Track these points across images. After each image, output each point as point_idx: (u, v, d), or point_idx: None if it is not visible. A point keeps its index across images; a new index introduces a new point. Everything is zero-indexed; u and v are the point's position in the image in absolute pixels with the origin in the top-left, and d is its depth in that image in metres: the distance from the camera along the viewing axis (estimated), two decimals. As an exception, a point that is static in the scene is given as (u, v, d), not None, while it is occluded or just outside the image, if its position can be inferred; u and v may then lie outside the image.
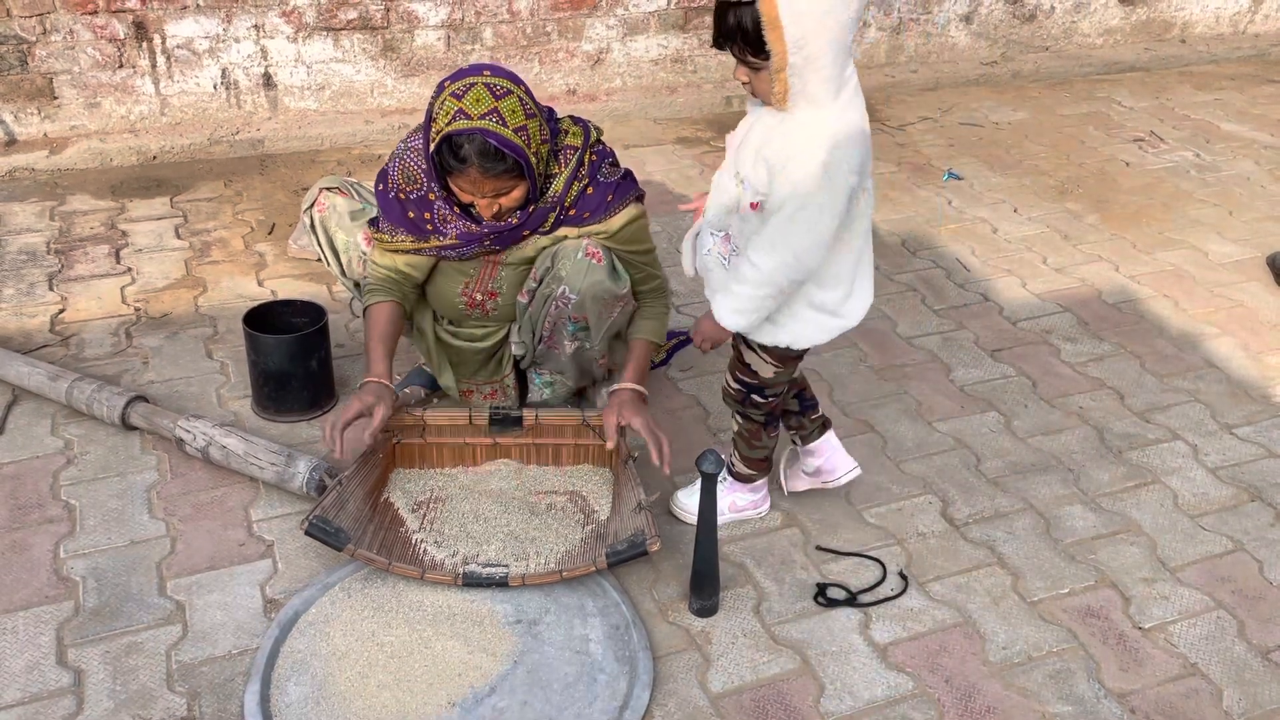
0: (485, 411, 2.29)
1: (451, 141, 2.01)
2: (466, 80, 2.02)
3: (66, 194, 3.61)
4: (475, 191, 2.07)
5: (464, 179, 2.05)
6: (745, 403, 2.08)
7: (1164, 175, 4.08)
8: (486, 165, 2.01)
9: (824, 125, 1.72)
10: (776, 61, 1.66)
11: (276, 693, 1.79)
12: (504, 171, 2.03)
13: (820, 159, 1.72)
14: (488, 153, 2.00)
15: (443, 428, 2.27)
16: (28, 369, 2.50)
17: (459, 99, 2.00)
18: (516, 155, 2.01)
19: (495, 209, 2.11)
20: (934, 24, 5.01)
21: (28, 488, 2.26)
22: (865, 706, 1.84)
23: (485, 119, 1.98)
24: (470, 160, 2.00)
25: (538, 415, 2.29)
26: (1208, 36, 5.61)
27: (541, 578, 1.99)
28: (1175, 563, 2.18)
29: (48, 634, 1.91)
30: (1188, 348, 2.94)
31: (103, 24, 3.75)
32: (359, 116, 4.16)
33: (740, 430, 2.14)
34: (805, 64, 1.66)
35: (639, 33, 4.48)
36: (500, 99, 2.00)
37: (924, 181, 3.96)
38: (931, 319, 3.05)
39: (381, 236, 2.25)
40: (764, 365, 2.01)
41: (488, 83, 2.02)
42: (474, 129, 1.98)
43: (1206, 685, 1.90)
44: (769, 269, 1.79)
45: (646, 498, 2.05)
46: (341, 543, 1.98)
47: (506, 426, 2.29)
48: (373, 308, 2.26)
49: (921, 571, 2.13)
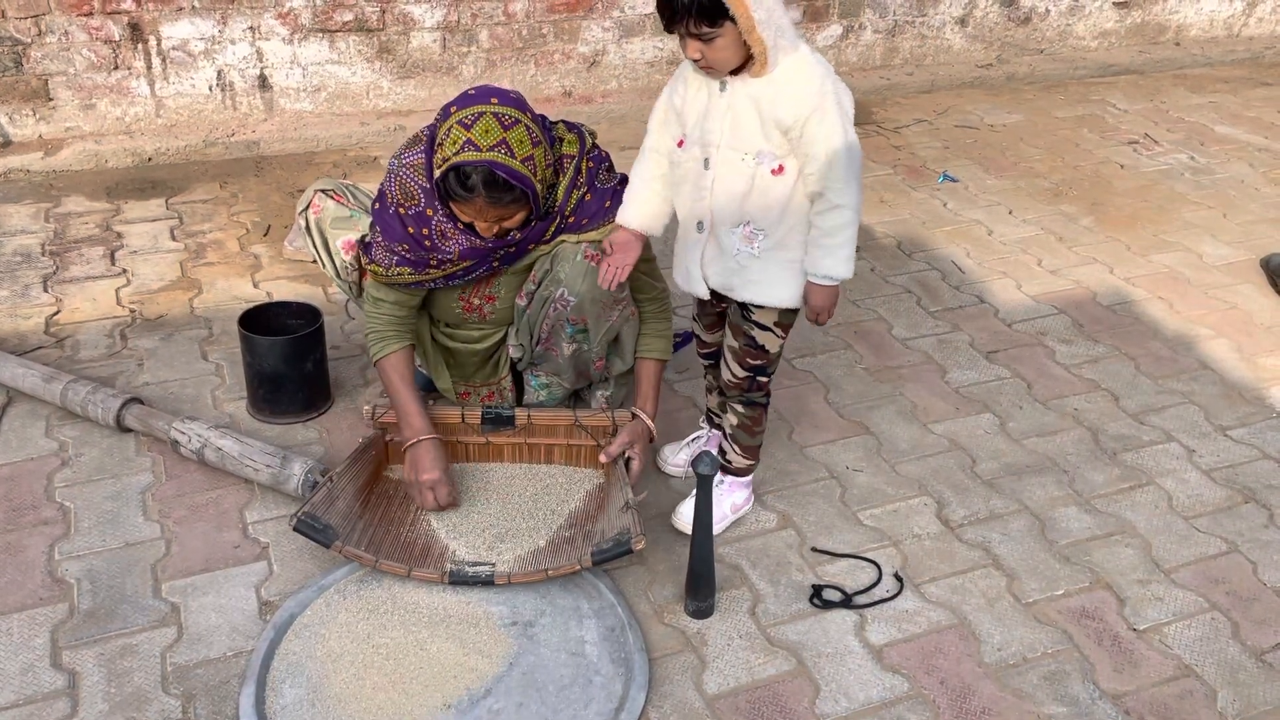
0: (478, 410, 2.29)
1: (459, 171, 2.01)
2: (475, 109, 2.02)
3: (61, 195, 3.60)
4: (479, 218, 2.08)
5: (469, 207, 2.05)
6: (751, 388, 2.10)
7: (1158, 178, 4.09)
8: (494, 196, 2.01)
9: (812, 64, 1.83)
10: (745, 23, 1.72)
11: (272, 695, 1.78)
12: (510, 201, 2.04)
13: (830, 90, 1.82)
14: (495, 184, 2.00)
15: (435, 425, 2.27)
16: (22, 370, 2.50)
17: (467, 129, 1.99)
18: (524, 186, 2.02)
19: (496, 230, 2.12)
20: (929, 26, 5.01)
21: (22, 490, 2.25)
22: (860, 708, 1.84)
23: (494, 150, 1.98)
24: (477, 190, 2.00)
25: (530, 414, 2.29)
26: (1202, 39, 5.63)
27: (527, 576, 1.99)
28: (1170, 564, 2.18)
29: (42, 636, 1.91)
30: (1182, 350, 2.95)
31: (98, 25, 3.74)
32: (355, 118, 4.16)
33: (742, 421, 2.15)
34: (769, 17, 1.73)
35: (635, 35, 4.48)
36: (508, 129, 2.00)
37: (919, 184, 3.97)
38: (927, 321, 3.05)
39: (376, 268, 2.22)
40: (774, 340, 2.04)
41: (496, 112, 2.01)
42: (482, 161, 1.98)
43: (1201, 686, 1.90)
44: (856, 200, 1.88)
45: (634, 497, 2.06)
46: (329, 539, 1.98)
47: (499, 425, 2.29)
48: (386, 360, 2.22)
49: (917, 573, 2.13)
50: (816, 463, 2.43)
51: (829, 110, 1.81)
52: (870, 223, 3.63)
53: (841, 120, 1.83)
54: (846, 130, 1.84)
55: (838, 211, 1.86)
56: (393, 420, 2.24)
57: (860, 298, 3.14)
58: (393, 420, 2.24)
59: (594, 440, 2.27)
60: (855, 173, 1.86)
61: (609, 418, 2.27)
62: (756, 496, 2.30)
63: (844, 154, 1.83)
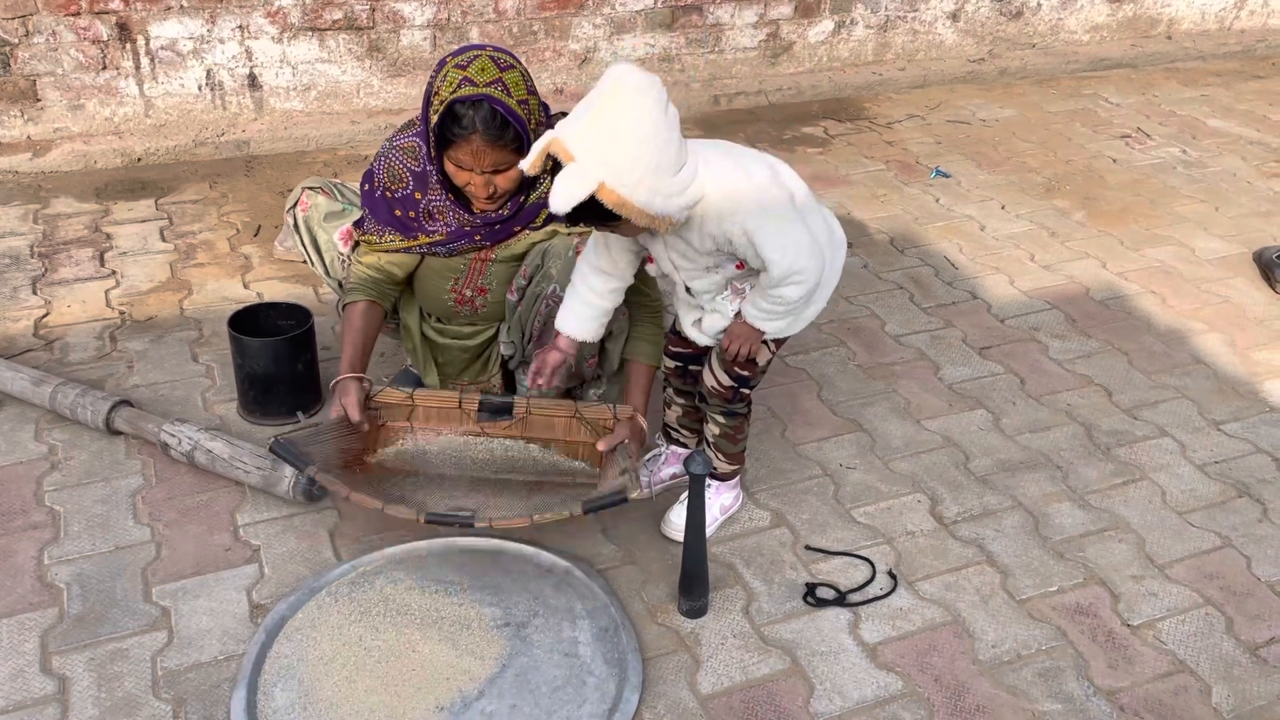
0: (476, 397, 2.24)
1: (454, 111, 1.99)
2: (470, 53, 2.02)
3: (50, 197, 3.58)
4: (475, 164, 2.04)
5: (465, 150, 2.02)
6: (734, 399, 2.08)
7: (1151, 172, 4.09)
8: (490, 134, 1.99)
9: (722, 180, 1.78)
10: (634, 215, 1.69)
11: (263, 699, 1.78)
12: (506, 143, 2.01)
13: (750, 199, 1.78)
14: (492, 120, 1.98)
15: (430, 410, 2.24)
16: (10, 374, 2.48)
17: (463, 69, 1.99)
18: (519, 126, 2.00)
19: (491, 189, 2.09)
20: (921, 21, 5.01)
21: (11, 493, 2.24)
22: (855, 706, 1.83)
23: (490, 87, 1.97)
24: (474, 128, 1.98)
25: (529, 404, 2.24)
26: (1194, 33, 5.63)
27: (510, 521, 1.93)
28: (1163, 559, 2.18)
29: (31, 641, 1.89)
30: (1175, 344, 2.95)
31: (85, 25, 3.72)
32: (345, 117, 4.15)
33: (724, 431, 2.13)
34: (651, 194, 1.68)
35: (626, 32, 4.47)
36: (505, 71, 2.00)
37: (911, 179, 3.96)
38: (920, 317, 3.04)
39: (369, 237, 2.24)
40: (765, 353, 2.04)
41: (492, 55, 2.02)
42: (480, 95, 1.96)
43: (1195, 682, 1.90)
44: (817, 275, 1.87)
45: (633, 464, 2.04)
46: (304, 465, 1.94)
47: (496, 415, 2.25)
48: (349, 307, 2.25)
49: (910, 570, 2.13)
50: (809, 460, 2.42)
51: (759, 222, 1.78)
52: (863, 219, 3.62)
53: (776, 220, 1.80)
54: (784, 224, 1.81)
55: (796, 286, 1.86)
56: (388, 401, 2.21)
57: (853, 294, 3.14)
58: (388, 401, 2.21)
59: (593, 435, 2.23)
60: (815, 250, 1.84)
61: (610, 410, 2.23)
62: (749, 495, 2.29)
63: (793, 248, 1.81)
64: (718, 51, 4.66)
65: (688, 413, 2.24)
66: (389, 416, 2.23)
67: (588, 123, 1.66)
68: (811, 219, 1.88)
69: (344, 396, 2.13)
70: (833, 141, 4.29)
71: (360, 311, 2.24)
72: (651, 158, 1.66)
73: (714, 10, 4.55)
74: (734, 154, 1.85)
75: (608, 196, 1.64)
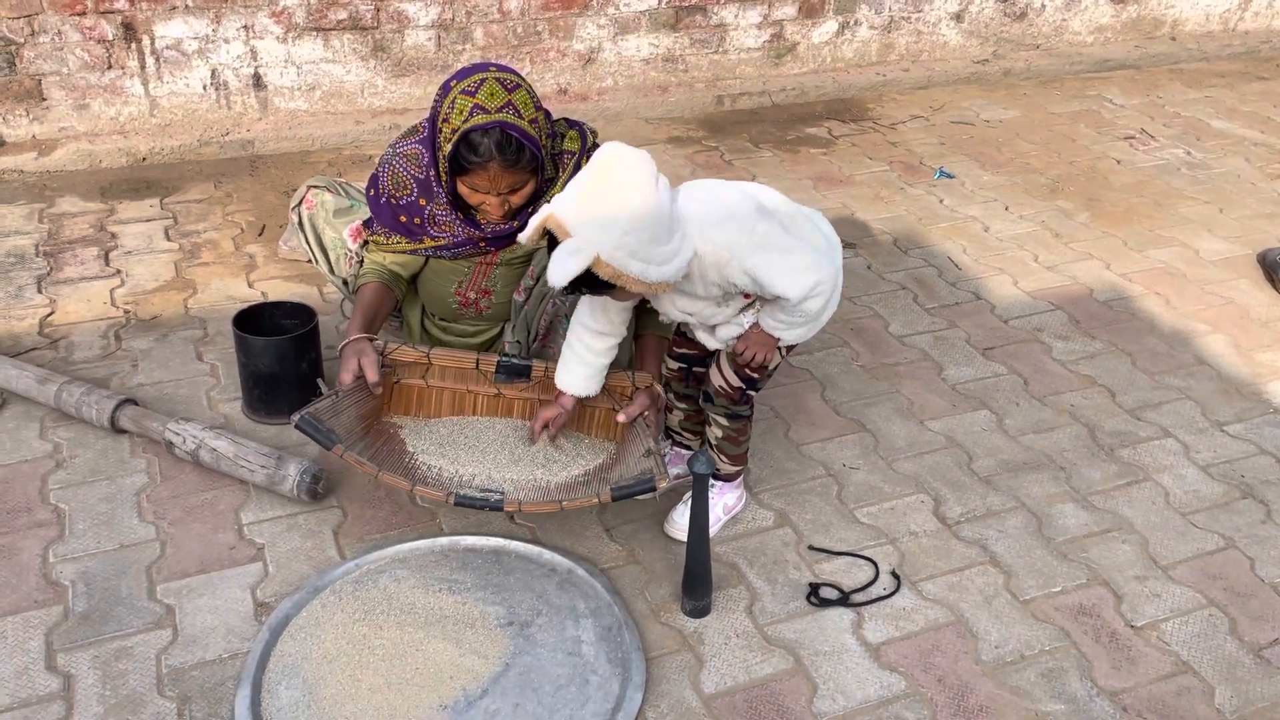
0: (493, 357, 2.22)
1: (469, 140, 1.99)
2: (475, 77, 2.02)
3: (55, 196, 3.59)
4: (490, 189, 2.05)
5: (481, 177, 2.03)
6: (740, 400, 2.08)
7: (1155, 173, 4.09)
8: (508, 159, 1.99)
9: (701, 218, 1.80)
10: (638, 289, 1.74)
11: (267, 697, 1.78)
12: (522, 165, 2.02)
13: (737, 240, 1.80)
14: (508, 145, 1.98)
15: (446, 369, 2.21)
16: (16, 372, 2.49)
17: (472, 95, 1.99)
18: (533, 148, 2.01)
19: (506, 208, 2.09)
20: (925, 22, 5.01)
21: (16, 492, 2.24)
22: (858, 706, 1.83)
23: (502, 112, 1.98)
24: (490, 155, 1.99)
25: (548, 367, 2.20)
26: (1198, 34, 5.62)
27: (539, 505, 1.94)
28: (1167, 560, 2.18)
29: (37, 639, 1.90)
30: (1179, 345, 2.95)
31: (91, 25, 3.73)
32: (349, 117, 4.15)
33: (726, 433, 2.13)
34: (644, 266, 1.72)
35: (630, 32, 4.47)
36: (512, 92, 2.01)
37: (915, 180, 3.96)
38: (923, 318, 3.05)
39: (377, 238, 2.25)
40: (777, 355, 2.04)
41: (497, 77, 2.02)
42: (493, 122, 1.97)
43: (1198, 683, 1.90)
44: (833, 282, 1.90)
45: (656, 445, 2.03)
46: (330, 442, 1.94)
47: (513, 376, 2.21)
48: (365, 285, 2.26)
49: (914, 571, 2.13)
50: (813, 461, 2.43)
51: (758, 260, 1.81)
52: (866, 219, 3.62)
53: (774, 251, 1.83)
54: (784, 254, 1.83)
55: (816, 299, 1.89)
56: (402, 359, 2.20)
57: (856, 295, 3.14)
58: (402, 359, 2.20)
59: (611, 403, 2.21)
60: (820, 261, 1.88)
61: (629, 378, 2.21)
62: (753, 494, 2.29)
63: (801, 272, 1.84)
64: (721, 52, 4.67)
65: (690, 416, 2.25)
66: (404, 375, 2.21)
67: (584, 199, 1.71)
68: (805, 231, 1.90)
69: (362, 355, 2.10)
70: (836, 142, 4.29)
71: (374, 289, 2.25)
72: (645, 231, 1.71)
73: (718, 11, 4.55)
74: (711, 196, 1.87)
75: (603, 270, 1.70)
